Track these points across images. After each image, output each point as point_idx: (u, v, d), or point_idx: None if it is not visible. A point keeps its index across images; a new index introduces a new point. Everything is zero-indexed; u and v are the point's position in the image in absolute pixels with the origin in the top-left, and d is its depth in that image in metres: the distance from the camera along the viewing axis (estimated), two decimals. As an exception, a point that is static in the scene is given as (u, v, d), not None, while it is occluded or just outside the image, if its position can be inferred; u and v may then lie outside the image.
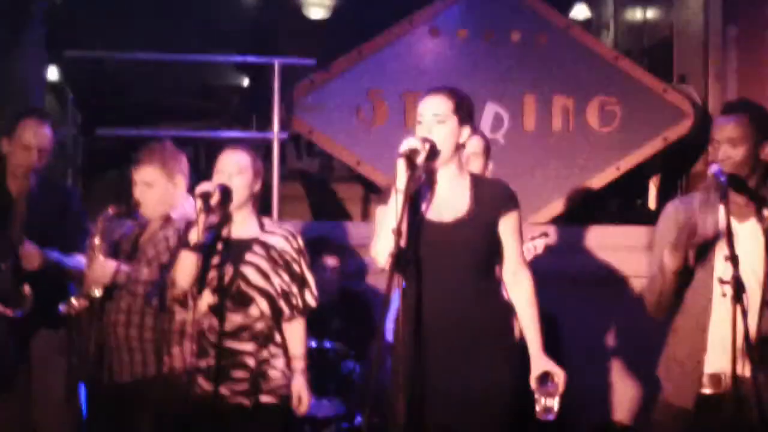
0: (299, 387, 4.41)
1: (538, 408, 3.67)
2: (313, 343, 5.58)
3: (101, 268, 4.57)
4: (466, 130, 3.88)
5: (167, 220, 4.68)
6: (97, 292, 4.58)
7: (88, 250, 4.60)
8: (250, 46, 7.75)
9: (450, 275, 3.78)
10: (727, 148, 3.86)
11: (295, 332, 4.45)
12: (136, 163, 4.70)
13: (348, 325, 5.87)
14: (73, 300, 4.63)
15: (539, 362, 3.75)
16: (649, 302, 4.01)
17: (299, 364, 4.43)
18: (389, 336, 4.80)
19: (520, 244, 3.89)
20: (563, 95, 7.31)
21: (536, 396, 3.69)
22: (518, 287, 3.86)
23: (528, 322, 3.82)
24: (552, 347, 6.21)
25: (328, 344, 5.59)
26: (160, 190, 4.67)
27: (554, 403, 3.67)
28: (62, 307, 4.65)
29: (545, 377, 3.71)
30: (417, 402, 3.76)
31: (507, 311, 3.86)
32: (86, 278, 4.61)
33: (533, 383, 3.71)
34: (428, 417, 3.75)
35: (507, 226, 3.85)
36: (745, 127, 3.87)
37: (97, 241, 4.58)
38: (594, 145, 7.33)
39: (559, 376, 3.72)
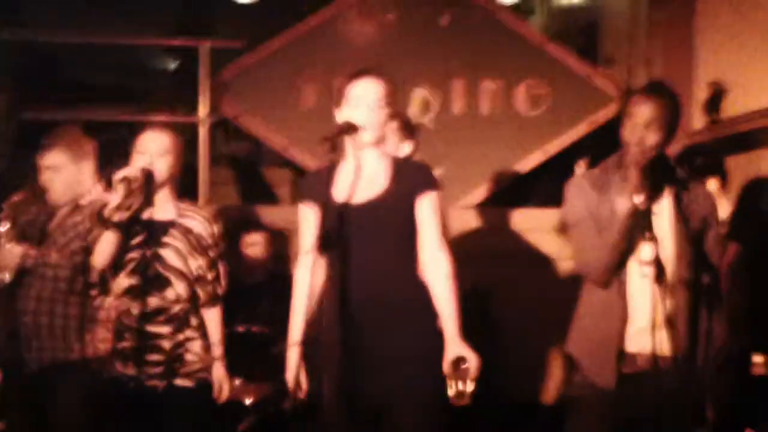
0: (219, 375, 4.41)
1: (450, 392, 3.62)
2: (241, 328, 5.57)
3: (8, 253, 4.54)
4: (394, 116, 3.95)
5: (76, 206, 4.65)
6: (5, 278, 4.55)
7: None
8: (179, 29, 7.70)
9: (369, 256, 3.80)
10: (645, 132, 3.88)
11: (212, 318, 4.44)
12: (42, 149, 4.66)
13: (276, 308, 5.86)
14: None
15: (453, 346, 3.71)
16: (598, 269, 3.92)
17: (217, 350, 4.42)
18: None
19: (438, 224, 3.87)
20: (491, 79, 7.34)
21: (448, 381, 3.64)
22: (435, 269, 3.83)
23: (444, 305, 3.79)
24: (485, 324, 6.33)
25: (255, 328, 5.58)
26: (67, 174, 4.65)
27: (467, 388, 3.62)
28: None
29: (458, 362, 3.66)
30: (345, 382, 3.78)
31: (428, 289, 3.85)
32: None
33: (446, 367, 3.66)
34: (356, 396, 3.78)
35: (423, 207, 3.86)
36: (663, 111, 3.89)
37: (2, 227, 4.55)
38: (522, 128, 7.37)
39: (472, 361, 3.68)
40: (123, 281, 4.25)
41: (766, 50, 6.47)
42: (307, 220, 3.91)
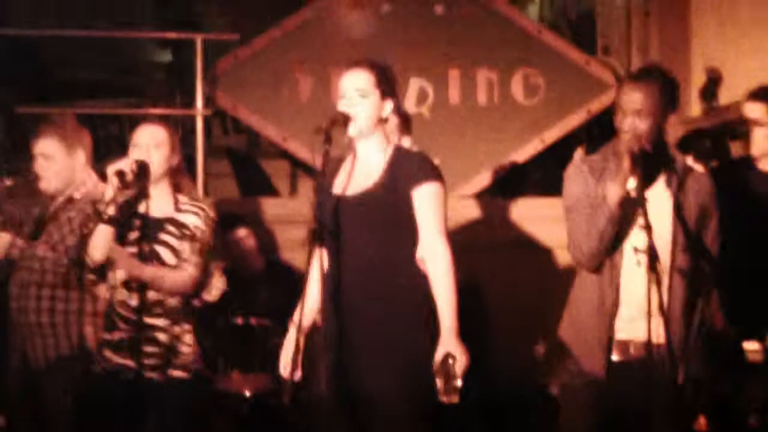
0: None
1: (439, 389, 3.56)
2: (240, 320, 5.58)
3: None
4: (389, 104, 3.90)
5: (70, 200, 4.64)
6: None
7: None
8: (174, 22, 7.69)
9: (362, 248, 3.78)
10: (635, 120, 3.86)
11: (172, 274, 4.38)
12: (35, 136, 4.66)
13: (274, 299, 5.88)
14: None
15: (445, 342, 3.64)
16: (585, 253, 3.91)
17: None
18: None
19: (436, 216, 3.80)
20: (487, 68, 7.33)
21: (437, 377, 3.57)
22: (433, 262, 3.76)
23: (441, 300, 3.71)
24: (476, 318, 6.33)
25: (253, 320, 5.59)
26: (60, 163, 4.64)
27: (454, 385, 3.56)
28: None
29: (447, 358, 3.59)
30: (339, 376, 3.78)
31: (424, 282, 3.78)
32: None
33: (435, 363, 3.60)
34: (350, 390, 3.78)
35: (421, 198, 3.80)
36: (653, 98, 3.86)
37: None
38: (518, 117, 7.35)
39: (460, 359, 3.60)
40: (122, 273, 4.24)
41: (758, 35, 6.47)
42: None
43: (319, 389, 3.66)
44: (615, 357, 3.91)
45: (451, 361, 3.59)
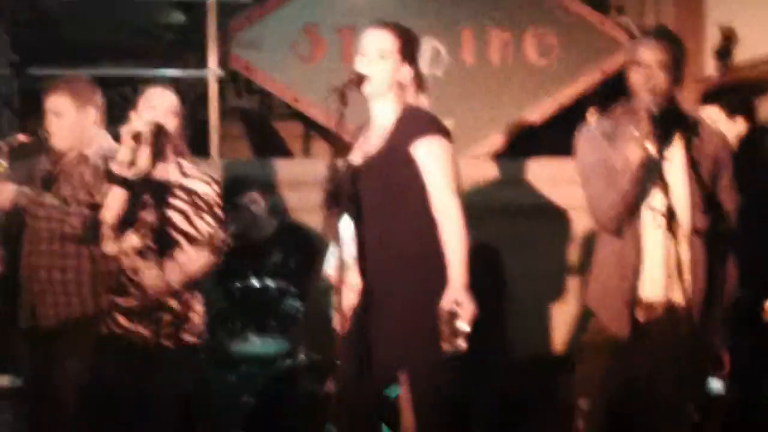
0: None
1: (444, 336, 3.52)
2: (255, 282, 5.58)
3: (2, 189, 4.52)
4: (407, 69, 3.87)
5: (81, 157, 4.62)
6: None
7: None
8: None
9: (372, 215, 3.76)
10: (657, 72, 3.83)
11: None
12: (47, 92, 4.64)
13: (287, 259, 5.87)
14: None
15: (451, 291, 3.61)
16: (610, 217, 3.89)
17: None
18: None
19: (441, 171, 3.74)
20: (500, 28, 7.28)
21: (442, 325, 3.54)
22: (443, 218, 3.71)
23: (451, 256, 3.67)
24: (495, 280, 6.33)
25: (269, 282, 5.59)
26: (70, 120, 4.61)
27: (460, 329, 3.52)
28: None
29: (453, 305, 3.57)
30: (356, 337, 3.78)
31: (436, 248, 3.73)
32: None
33: (441, 310, 3.57)
34: (368, 350, 3.77)
35: (423, 153, 3.74)
36: (672, 53, 3.85)
37: None
38: (532, 78, 7.32)
39: (467, 305, 3.59)
40: (134, 240, 4.23)
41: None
42: None
43: (339, 357, 3.64)
44: (642, 317, 3.89)
45: (457, 307, 3.56)
